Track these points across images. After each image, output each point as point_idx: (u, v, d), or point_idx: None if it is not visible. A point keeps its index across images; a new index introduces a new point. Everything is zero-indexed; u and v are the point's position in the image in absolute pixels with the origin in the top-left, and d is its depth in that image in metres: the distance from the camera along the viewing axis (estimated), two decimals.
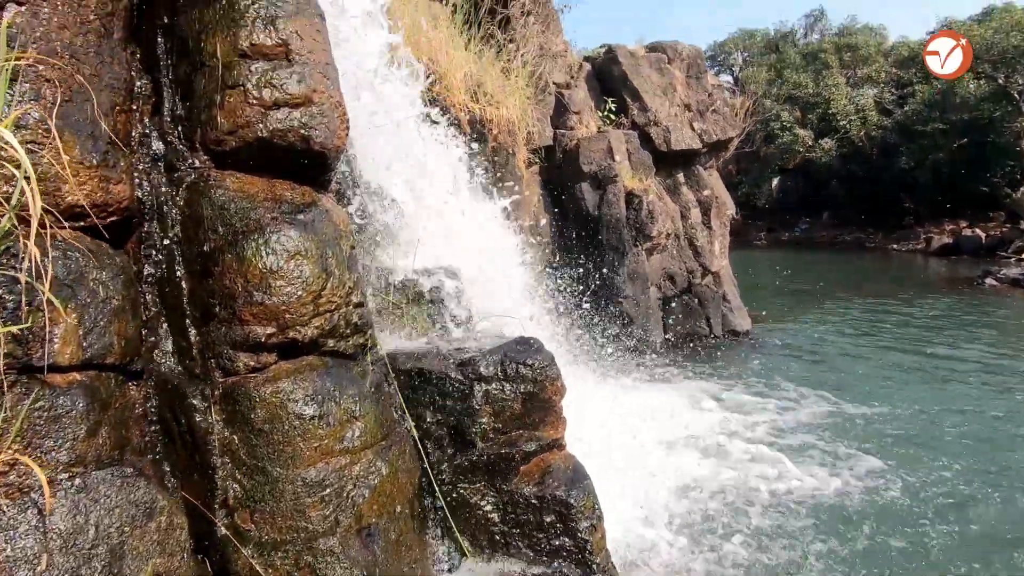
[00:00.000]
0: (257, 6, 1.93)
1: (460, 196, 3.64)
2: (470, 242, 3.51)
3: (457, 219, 3.42)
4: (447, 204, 3.35)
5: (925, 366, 7.67)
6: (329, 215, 2.06)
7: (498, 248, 3.95)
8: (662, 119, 8.31)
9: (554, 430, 2.40)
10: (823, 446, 4.93)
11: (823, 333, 9.77)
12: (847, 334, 9.63)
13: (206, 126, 1.88)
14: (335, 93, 2.07)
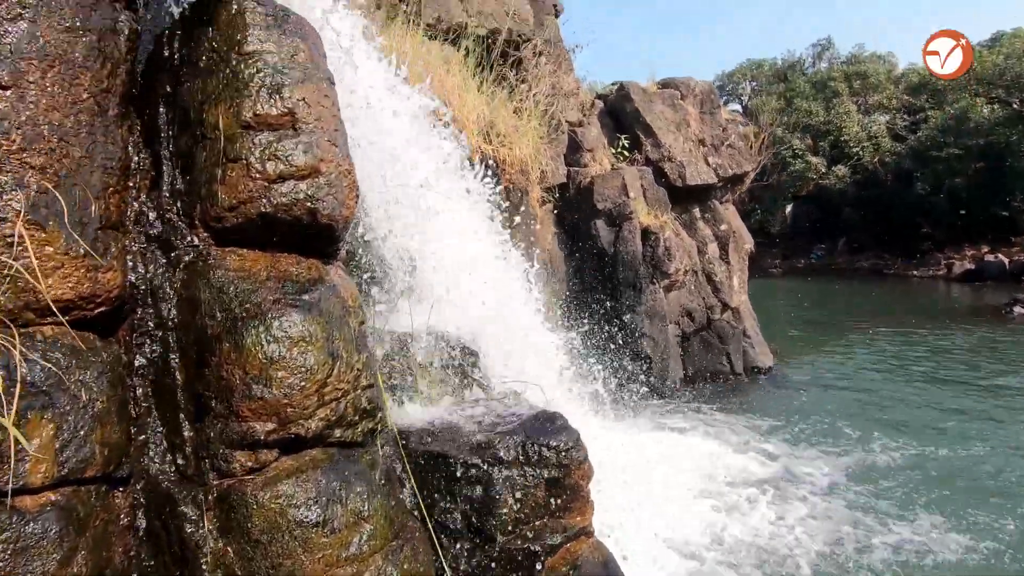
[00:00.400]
0: (262, 75, 1.82)
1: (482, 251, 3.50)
2: (488, 297, 3.35)
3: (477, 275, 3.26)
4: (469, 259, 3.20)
5: (969, 402, 7.29)
6: (336, 291, 1.91)
7: (517, 303, 3.78)
8: (676, 154, 8.21)
9: (581, 516, 2.18)
10: (862, 497, 4.60)
11: (850, 368, 9.41)
12: (876, 369, 9.26)
13: (206, 202, 1.76)
14: (344, 161, 1.94)
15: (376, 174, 2.95)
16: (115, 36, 1.60)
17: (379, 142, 3.02)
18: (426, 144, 3.26)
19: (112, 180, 1.58)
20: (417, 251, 3.11)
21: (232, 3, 1.86)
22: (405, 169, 3.14)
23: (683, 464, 5.35)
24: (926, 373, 8.96)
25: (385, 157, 3.07)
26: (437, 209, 3.06)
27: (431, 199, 3.27)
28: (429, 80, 3.84)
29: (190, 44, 1.89)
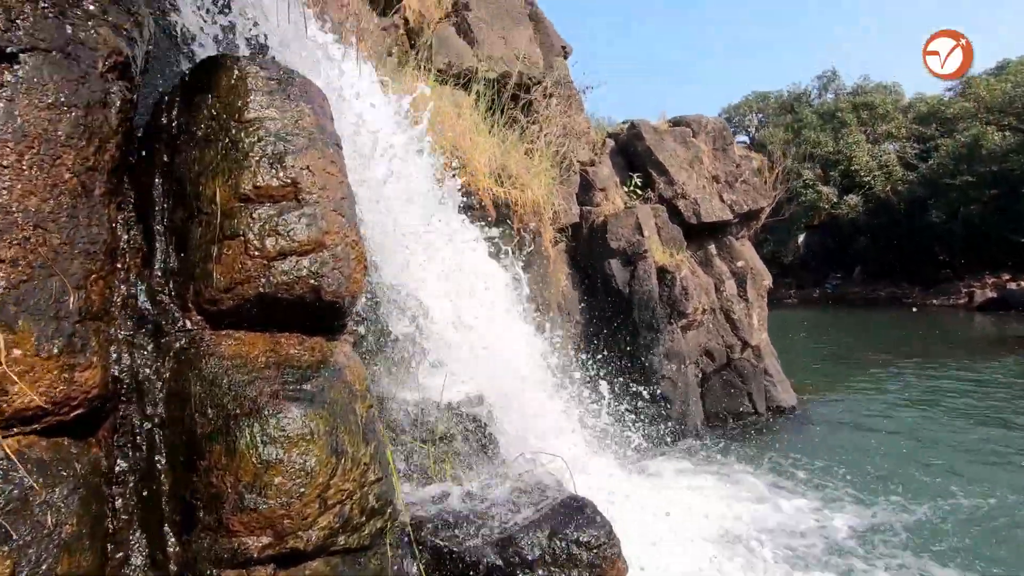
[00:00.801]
0: (263, 143, 1.69)
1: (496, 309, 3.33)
2: (504, 360, 3.16)
3: (492, 335, 3.08)
4: (486, 320, 3.02)
5: (1010, 441, 6.87)
6: (342, 375, 1.73)
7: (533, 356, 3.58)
8: (690, 191, 8.08)
9: None
10: (913, 559, 4.22)
11: (876, 406, 9.00)
12: (904, 406, 8.84)
13: (200, 282, 1.60)
14: (351, 231, 1.79)
15: (387, 223, 2.82)
16: (105, 110, 1.48)
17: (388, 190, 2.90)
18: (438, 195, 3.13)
19: (96, 265, 1.43)
20: (430, 309, 2.95)
21: (233, 68, 1.75)
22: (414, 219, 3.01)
23: (703, 511, 5.04)
24: (957, 409, 8.54)
25: (394, 206, 2.94)
26: (450, 263, 2.90)
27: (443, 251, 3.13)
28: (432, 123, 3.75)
29: (189, 112, 1.77)
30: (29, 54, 1.29)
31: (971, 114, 21.68)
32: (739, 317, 8.63)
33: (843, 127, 24.02)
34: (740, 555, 4.21)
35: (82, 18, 1.45)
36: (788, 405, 8.76)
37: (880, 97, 25.16)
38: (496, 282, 3.58)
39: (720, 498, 5.61)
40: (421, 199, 3.26)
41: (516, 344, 3.77)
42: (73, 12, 1.43)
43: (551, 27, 8.71)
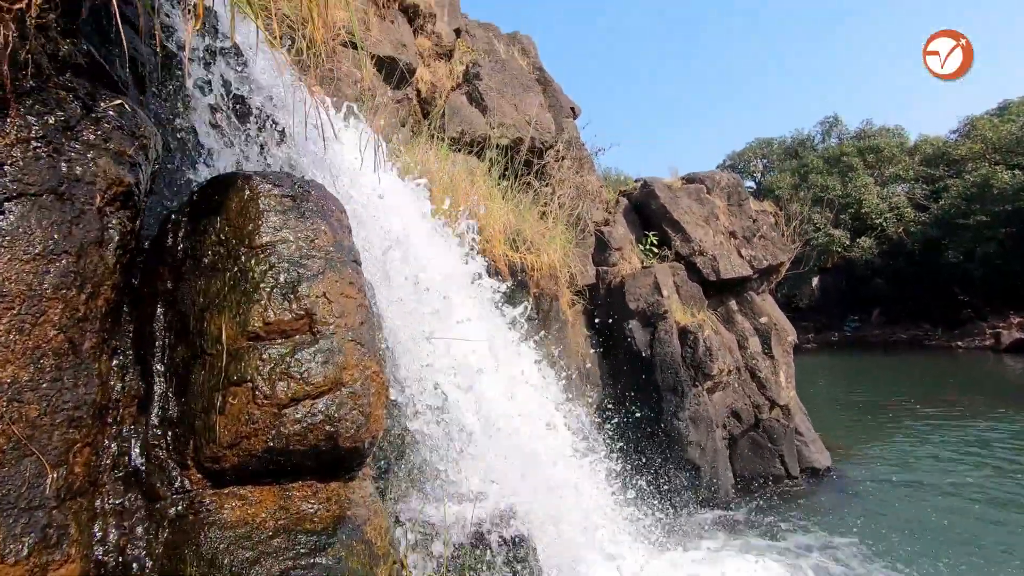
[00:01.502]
0: (275, 271, 1.52)
1: (527, 405, 3.09)
2: (533, 454, 2.90)
3: (525, 438, 2.83)
4: (521, 421, 2.79)
5: None
6: (361, 534, 1.49)
7: (562, 450, 3.31)
8: (707, 248, 7.92)
9: None
10: None
11: (917, 464, 8.48)
12: (948, 461, 8.31)
13: (202, 437, 1.40)
14: (370, 362, 1.59)
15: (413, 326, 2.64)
16: (101, 249, 1.32)
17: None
18: (466, 287, 2.96)
19: (81, 433, 1.24)
20: (455, 405, 2.72)
21: (245, 188, 1.61)
22: (438, 315, 2.83)
23: None
24: (1006, 468, 8.01)
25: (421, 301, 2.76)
26: (479, 365, 2.69)
27: (472, 347, 2.93)
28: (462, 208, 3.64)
29: (196, 235, 1.61)
30: (15, 202, 1.15)
31: (979, 155, 21.69)
32: (765, 375, 8.29)
33: (850, 171, 24.10)
34: None
35: (80, 151, 1.32)
36: (823, 466, 8.30)
37: (885, 140, 25.34)
38: (526, 367, 3.36)
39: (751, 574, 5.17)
40: (452, 288, 3.10)
41: (541, 430, 3.52)
42: (70, 147, 1.30)
43: (559, 90, 8.84)
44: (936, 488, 7.35)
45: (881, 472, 8.41)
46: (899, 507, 6.72)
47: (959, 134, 24.04)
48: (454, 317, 2.89)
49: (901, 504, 6.87)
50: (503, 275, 6.16)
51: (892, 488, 7.61)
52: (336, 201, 1.82)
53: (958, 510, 6.49)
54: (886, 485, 7.76)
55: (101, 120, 1.43)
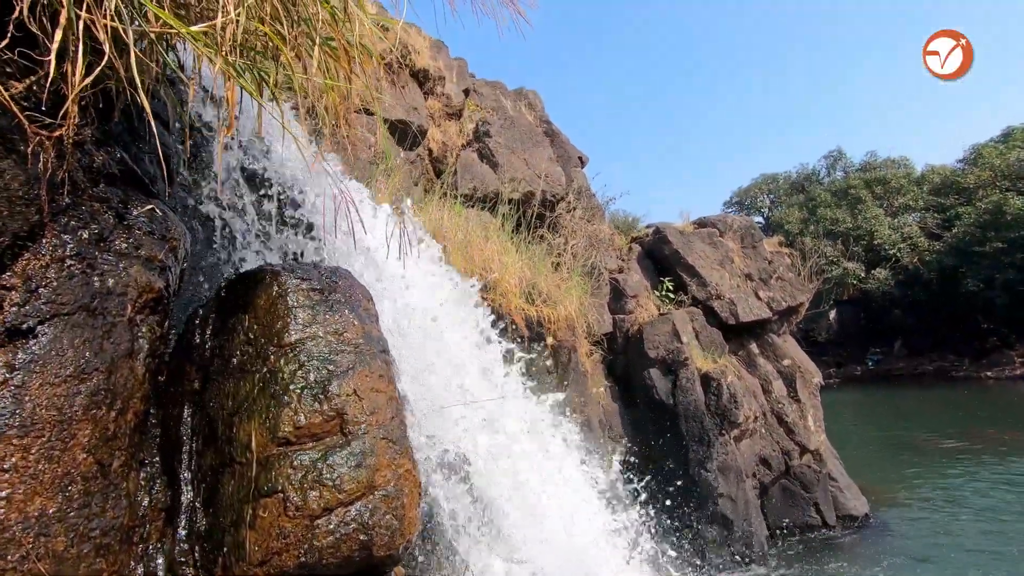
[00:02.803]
0: (305, 370, 1.48)
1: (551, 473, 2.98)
2: (563, 527, 2.77)
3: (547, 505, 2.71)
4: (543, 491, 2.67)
5: None
6: None
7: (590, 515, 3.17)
8: (724, 292, 7.83)
9: None
10: None
11: (962, 507, 8.05)
12: (990, 509, 7.87)
13: (232, 554, 1.34)
14: (403, 460, 1.53)
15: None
16: (131, 360, 1.30)
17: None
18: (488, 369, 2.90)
19: (107, 561, 1.18)
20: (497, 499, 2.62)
21: (273, 285, 1.59)
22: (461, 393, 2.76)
23: None
24: None
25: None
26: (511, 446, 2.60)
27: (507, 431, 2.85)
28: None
29: (224, 334, 1.59)
30: (48, 323, 1.13)
31: (988, 182, 21.64)
32: (793, 420, 8.03)
33: (858, 203, 24.11)
34: None
35: (112, 263, 1.32)
36: (860, 513, 7.92)
37: (891, 171, 25.44)
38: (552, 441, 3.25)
39: None
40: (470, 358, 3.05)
41: (572, 500, 3.38)
42: (103, 259, 1.29)
43: (566, 140, 9.01)
44: (983, 533, 6.94)
45: (923, 517, 8.01)
46: (944, 557, 6.34)
47: (966, 162, 24.08)
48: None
49: (946, 553, 6.48)
50: (520, 329, 6.11)
51: (936, 535, 7.20)
52: (364, 289, 1.80)
53: (1007, 557, 6.10)
54: (929, 531, 7.36)
55: (133, 228, 1.44)
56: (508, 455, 2.88)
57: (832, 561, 6.86)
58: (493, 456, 2.79)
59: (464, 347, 2.65)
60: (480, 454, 2.76)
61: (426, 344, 2.43)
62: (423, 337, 2.33)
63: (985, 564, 6.19)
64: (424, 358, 2.47)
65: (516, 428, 2.80)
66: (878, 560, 6.68)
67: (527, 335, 6.08)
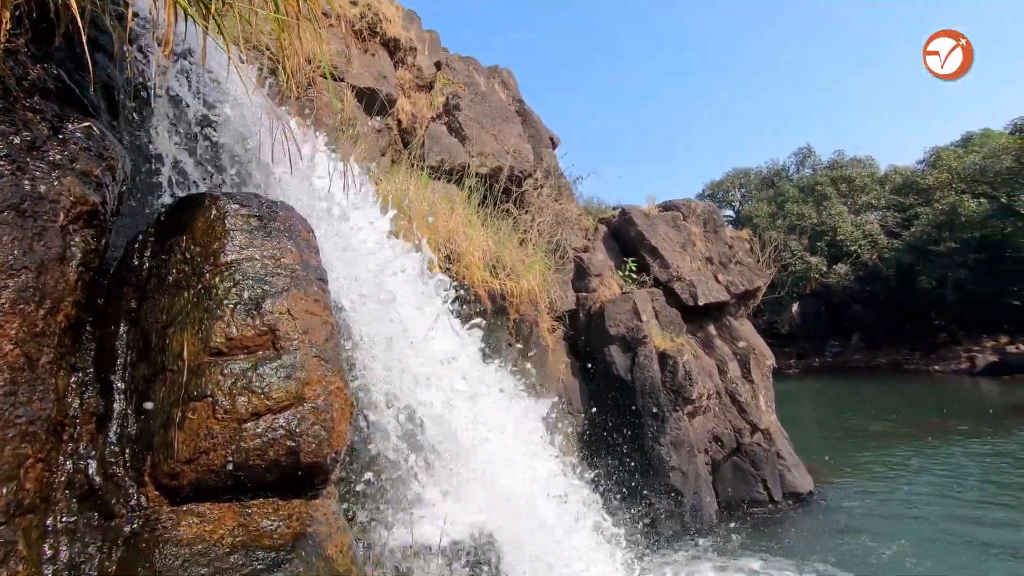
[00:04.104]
0: (239, 288, 1.54)
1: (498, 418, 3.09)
2: (511, 482, 2.89)
3: (494, 452, 2.82)
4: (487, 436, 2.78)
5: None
6: (320, 548, 1.48)
7: (542, 475, 3.30)
8: (685, 274, 8.06)
9: None
10: None
11: (899, 488, 8.54)
12: (926, 490, 8.38)
13: (159, 453, 1.40)
14: (334, 378, 1.61)
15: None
16: (62, 265, 1.34)
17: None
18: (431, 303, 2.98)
19: (34, 448, 1.23)
20: (428, 429, 2.72)
21: (212, 208, 1.64)
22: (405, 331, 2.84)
23: None
24: (985, 489, 8.10)
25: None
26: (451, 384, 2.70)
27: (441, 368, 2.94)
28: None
29: (161, 255, 1.64)
30: None
31: (945, 184, 22.54)
32: (746, 400, 8.35)
33: (824, 199, 24.85)
34: None
35: (44, 170, 1.35)
36: (805, 490, 8.31)
37: (856, 170, 26.25)
38: (500, 393, 3.36)
39: None
40: (417, 308, 3.13)
41: (520, 453, 3.50)
42: (35, 166, 1.33)
43: (539, 121, 9.07)
44: (918, 512, 7.38)
45: (864, 496, 8.44)
46: (881, 532, 6.73)
47: (926, 164, 25.02)
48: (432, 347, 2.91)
49: (883, 528, 6.88)
50: (483, 301, 6.20)
51: (874, 512, 7.62)
52: (303, 221, 1.86)
53: (941, 535, 6.52)
54: (868, 509, 7.78)
55: (68, 141, 1.47)
56: (453, 398, 2.98)
57: (775, 533, 7.21)
58: (430, 385, 2.87)
59: (406, 290, 2.73)
60: (420, 390, 2.85)
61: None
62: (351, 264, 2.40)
63: (914, 533, 6.62)
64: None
65: (465, 367, 2.90)
66: (817, 532, 7.06)
67: (490, 308, 6.18)
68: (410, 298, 2.96)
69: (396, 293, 2.62)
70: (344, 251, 2.33)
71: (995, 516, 6.96)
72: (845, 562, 5.90)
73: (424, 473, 2.43)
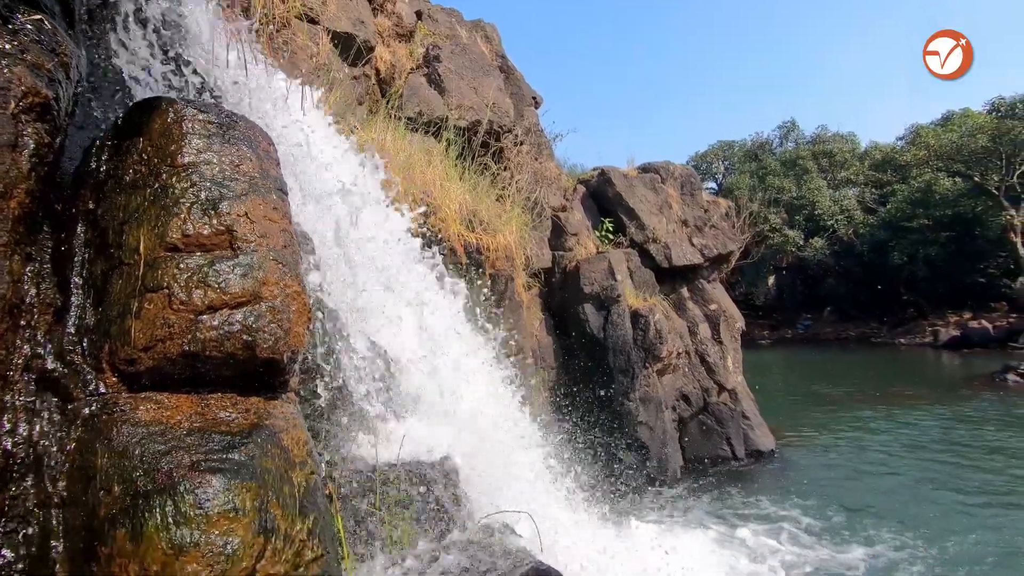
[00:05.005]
0: (196, 188, 1.57)
1: (453, 346, 3.18)
2: (474, 412, 3.00)
3: (460, 384, 2.92)
4: (454, 370, 2.87)
5: (986, 481, 6.91)
6: (277, 439, 1.56)
7: (506, 414, 3.42)
8: (661, 236, 8.17)
9: None
10: None
11: (854, 448, 8.99)
12: (881, 450, 8.84)
13: (117, 340, 1.45)
14: (292, 282, 1.66)
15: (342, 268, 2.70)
16: (14, 152, 1.36)
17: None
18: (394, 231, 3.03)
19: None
20: (393, 360, 2.80)
21: (169, 111, 1.65)
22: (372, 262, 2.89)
23: (683, 564, 4.82)
24: (932, 448, 8.57)
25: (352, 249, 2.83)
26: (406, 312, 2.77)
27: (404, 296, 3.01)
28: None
29: (119, 156, 1.65)
30: None
31: (923, 161, 22.88)
32: (714, 360, 8.61)
33: (805, 174, 25.08)
34: None
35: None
36: (767, 449, 8.68)
37: (838, 146, 26.47)
38: (466, 329, 3.45)
39: (695, 547, 5.43)
40: (384, 242, 3.16)
41: (487, 394, 3.62)
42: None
43: (522, 79, 8.95)
44: (875, 470, 7.79)
45: (821, 455, 8.86)
46: (826, 487, 7.12)
47: (905, 141, 25.32)
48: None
49: (829, 484, 7.28)
50: (458, 254, 6.24)
51: (826, 471, 8.02)
52: (264, 133, 1.88)
53: (892, 489, 6.93)
54: (821, 468, 8.18)
55: (19, 33, 1.46)
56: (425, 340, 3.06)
57: (735, 486, 7.56)
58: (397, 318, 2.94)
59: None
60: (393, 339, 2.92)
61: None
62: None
63: (870, 488, 7.02)
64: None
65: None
66: (773, 486, 7.43)
67: (465, 262, 6.22)
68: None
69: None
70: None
71: (948, 473, 7.40)
72: (803, 511, 6.24)
73: (384, 395, 2.52)
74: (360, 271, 2.71)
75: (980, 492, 6.59)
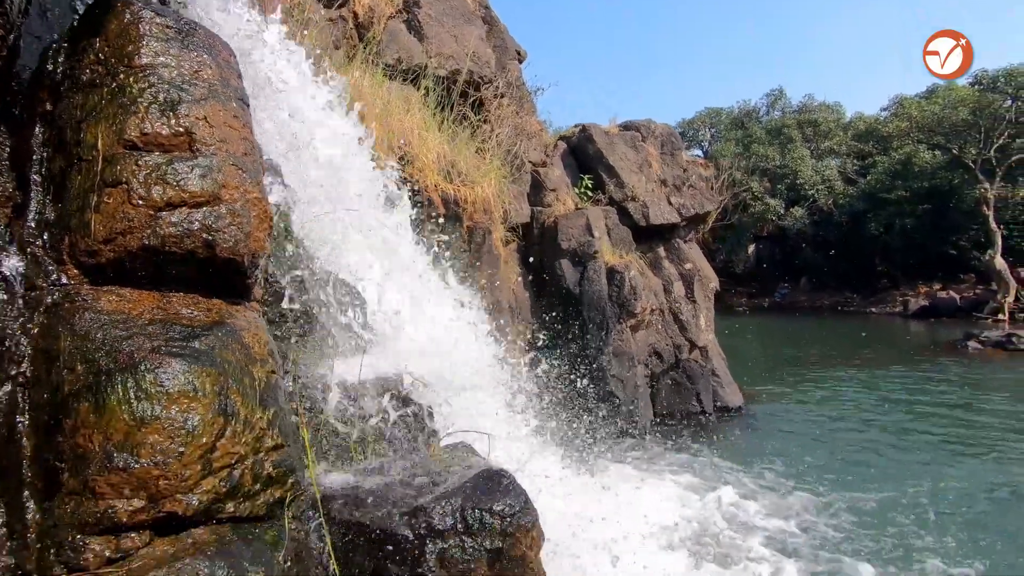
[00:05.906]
0: (154, 90, 1.59)
1: (424, 279, 3.26)
2: (435, 335, 3.10)
3: (419, 308, 3.01)
4: (413, 295, 2.96)
5: (935, 437, 7.35)
6: (238, 336, 1.64)
7: (469, 339, 3.53)
8: (639, 194, 8.24)
9: None
10: (820, 544, 4.46)
11: (818, 408, 9.39)
12: (843, 409, 9.25)
13: (77, 233, 1.50)
14: (253, 188, 1.71)
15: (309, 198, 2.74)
16: None
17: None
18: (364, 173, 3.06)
19: None
20: (358, 288, 2.87)
21: (125, 12, 1.66)
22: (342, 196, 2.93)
23: (646, 508, 5.10)
24: (890, 408, 8.99)
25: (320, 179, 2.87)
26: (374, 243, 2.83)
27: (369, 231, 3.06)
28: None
29: (75, 57, 1.66)
30: None
31: (904, 133, 23.07)
32: (687, 318, 8.82)
33: (789, 143, 25.17)
34: (673, 549, 4.32)
35: None
36: (735, 405, 8.99)
37: (823, 115, 26.51)
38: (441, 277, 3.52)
39: (661, 492, 5.71)
40: (358, 185, 3.19)
41: (460, 337, 3.72)
42: None
43: (505, 31, 8.78)
44: (834, 424, 8.17)
45: (787, 412, 9.22)
46: (787, 441, 7.47)
47: (888, 112, 25.45)
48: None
49: (790, 438, 7.62)
50: (436, 205, 6.24)
51: (788, 426, 8.37)
52: (226, 45, 1.89)
53: (854, 443, 7.29)
54: (784, 423, 8.53)
55: None
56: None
57: (701, 438, 7.87)
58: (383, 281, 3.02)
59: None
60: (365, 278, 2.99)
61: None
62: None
63: (826, 440, 7.38)
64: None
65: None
66: (738, 440, 7.76)
67: (443, 213, 6.24)
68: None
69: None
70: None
71: (908, 428, 7.81)
72: (761, 460, 6.56)
73: (354, 321, 2.60)
74: (311, 189, 2.75)
75: (942, 443, 6.99)
